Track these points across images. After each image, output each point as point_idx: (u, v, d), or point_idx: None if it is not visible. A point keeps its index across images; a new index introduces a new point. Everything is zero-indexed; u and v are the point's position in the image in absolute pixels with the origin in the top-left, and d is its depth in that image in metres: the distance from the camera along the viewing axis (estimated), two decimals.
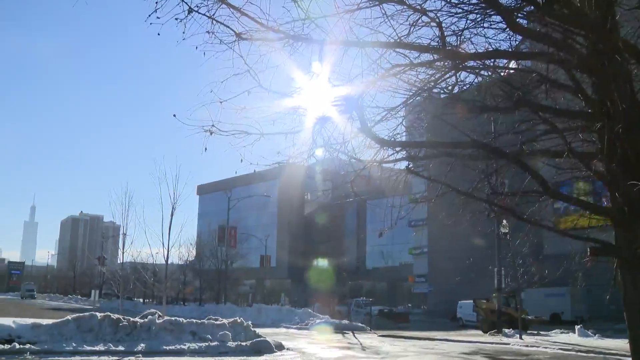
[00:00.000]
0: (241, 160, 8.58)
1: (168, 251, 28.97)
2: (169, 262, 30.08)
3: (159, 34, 7.72)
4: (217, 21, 7.72)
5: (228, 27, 7.80)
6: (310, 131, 8.63)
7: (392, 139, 8.56)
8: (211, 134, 8.29)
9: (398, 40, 7.67)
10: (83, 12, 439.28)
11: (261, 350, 21.94)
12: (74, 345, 19.42)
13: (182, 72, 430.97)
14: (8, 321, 20.80)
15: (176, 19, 7.54)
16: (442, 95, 8.97)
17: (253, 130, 8.39)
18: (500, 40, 8.25)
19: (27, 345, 18.68)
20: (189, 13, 7.54)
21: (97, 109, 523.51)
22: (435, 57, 7.92)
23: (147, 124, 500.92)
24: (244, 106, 8.18)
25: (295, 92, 8.39)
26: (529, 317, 39.15)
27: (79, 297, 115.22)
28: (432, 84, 8.45)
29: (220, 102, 8.02)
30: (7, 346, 18.35)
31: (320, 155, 9.14)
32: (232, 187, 75.98)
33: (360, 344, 28.81)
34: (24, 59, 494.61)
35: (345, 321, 43.28)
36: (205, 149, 8.54)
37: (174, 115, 8.24)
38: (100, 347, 19.55)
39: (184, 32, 7.61)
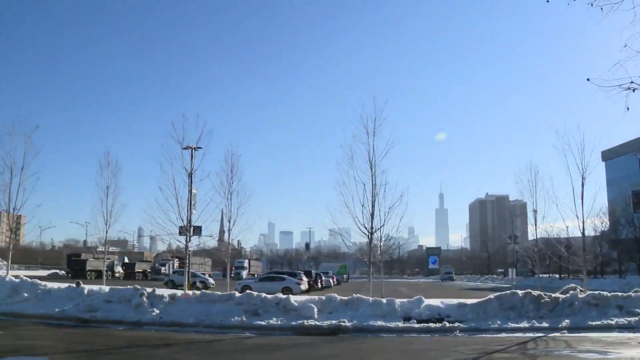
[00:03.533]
0: None
1: (583, 223, 27.99)
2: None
3: (548, 1, 7.52)
4: None
5: None
6: None
7: None
8: (634, 90, 7.80)
9: None
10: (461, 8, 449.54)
11: None
12: (499, 322, 20.02)
13: (570, 38, 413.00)
14: (436, 302, 22.41)
15: None
16: None
17: None
18: None
19: (456, 324, 19.91)
20: None
21: (475, 91, 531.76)
22: None
23: (543, 95, 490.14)
24: None
25: None
26: None
27: (495, 276, 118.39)
28: None
29: None
30: (438, 324, 19.89)
31: None
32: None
33: None
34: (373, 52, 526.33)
35: None
36: (627, 108, 8.08)
37: (588, 80, 7.97)
38: (523, 324, 19.83)
39: None
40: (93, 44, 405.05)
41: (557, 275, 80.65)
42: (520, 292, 22.13)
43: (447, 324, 19.87)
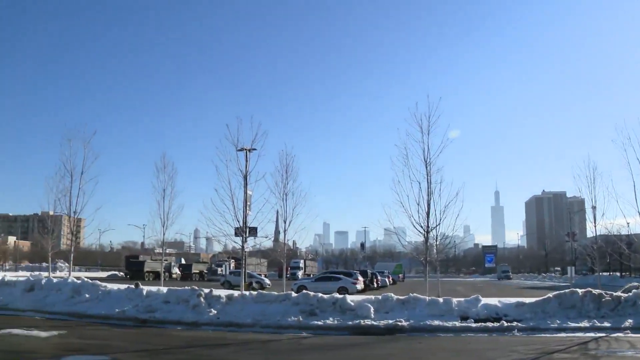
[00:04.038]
0: None
1: None
2: None
3: None
4: None
5: None
6: None
7: None
8: None
9: None
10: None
11: None
12: (558, 322, 19.60)
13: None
14: (494, 301, 22.09)
15: None
16: None
17: None
18: None
19: (514, 323, 19.59)
20: None
21: (543, 86, 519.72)
22: None
23: (602, 89, 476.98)
24: None
25: None
26: None
27: (552, 274, 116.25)
28: None
29: None
30: (496, 324, 19.60)
31: None
32: None
33: None
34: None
35: None
36: None
37: None
38: (584, 324, 19.33)
39: None
40: (146, 49, 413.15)
41: (618, 274, 78.68)
42: (580, 290, 21.61)
43: (505, 324, 19.55)
